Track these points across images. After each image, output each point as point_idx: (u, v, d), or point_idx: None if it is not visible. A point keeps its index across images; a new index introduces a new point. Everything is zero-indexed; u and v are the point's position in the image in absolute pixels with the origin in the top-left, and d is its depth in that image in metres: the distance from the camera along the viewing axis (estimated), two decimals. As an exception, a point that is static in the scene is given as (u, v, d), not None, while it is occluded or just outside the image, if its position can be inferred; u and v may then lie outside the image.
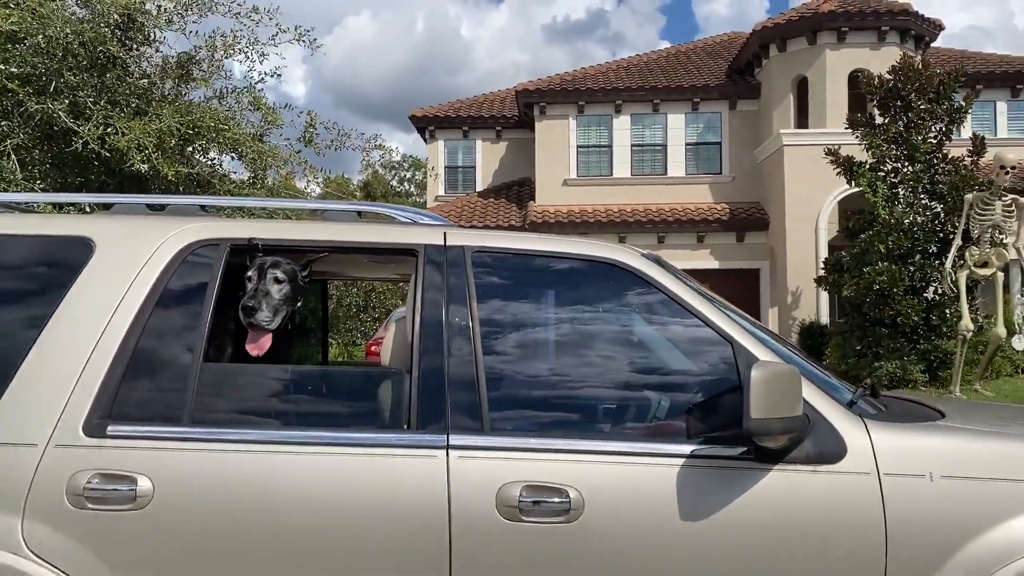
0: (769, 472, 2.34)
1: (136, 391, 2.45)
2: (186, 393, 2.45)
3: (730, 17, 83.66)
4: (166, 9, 10.69)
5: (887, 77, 14.61)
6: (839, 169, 14.86)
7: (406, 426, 2.44)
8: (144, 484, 2.33)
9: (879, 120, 14.80)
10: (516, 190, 22.94)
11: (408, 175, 47.98)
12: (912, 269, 13.85)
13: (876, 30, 18.83)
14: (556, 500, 2.32)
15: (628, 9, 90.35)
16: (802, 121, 19.52)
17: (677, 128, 21.26)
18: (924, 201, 14.39)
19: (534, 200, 21.43)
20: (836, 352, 14.92)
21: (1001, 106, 20.44)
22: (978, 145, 14.25)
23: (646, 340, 2.73)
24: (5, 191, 8.49)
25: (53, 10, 9.40)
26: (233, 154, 11.30)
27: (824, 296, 17.96)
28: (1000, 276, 12.14)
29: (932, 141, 14.46)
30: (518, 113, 22.61)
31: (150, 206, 2.93)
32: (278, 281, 2.82)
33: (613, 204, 20.79)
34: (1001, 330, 11.80)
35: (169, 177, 9.72)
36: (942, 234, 14.06)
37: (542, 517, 2.31)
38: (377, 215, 3.03)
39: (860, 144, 14.70)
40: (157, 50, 11.16)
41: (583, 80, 21.66)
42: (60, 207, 5.68)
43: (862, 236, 14.52)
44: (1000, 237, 11.83)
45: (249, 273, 2.81)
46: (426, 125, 23.69)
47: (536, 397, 2.60)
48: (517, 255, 2.67)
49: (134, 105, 10.18)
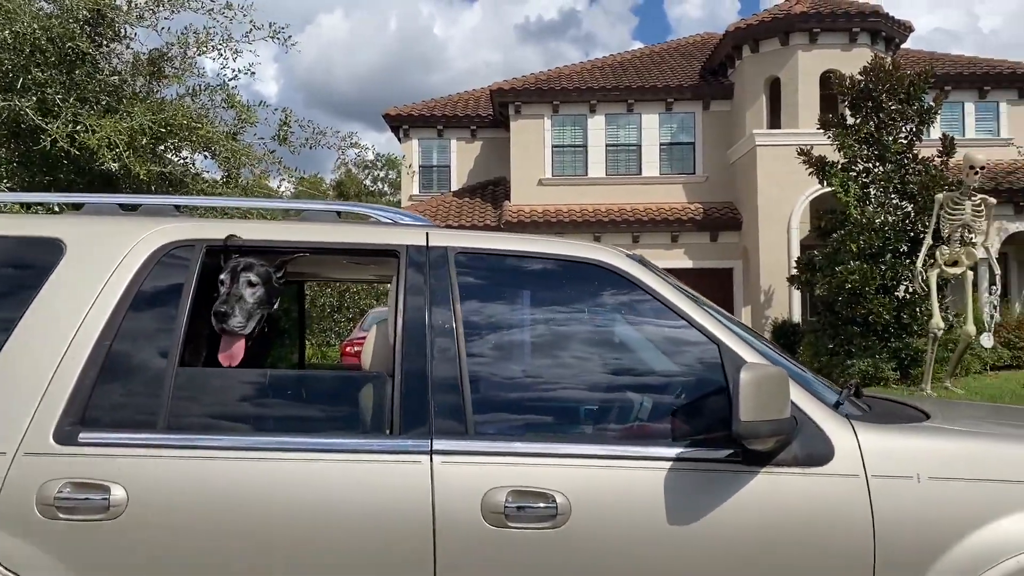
0: (757, 475, 2.32)
1: (109, 397, 2.38)
2: (161, 398, 2.38)
3: (702, 18, 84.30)
4: (137, 5, 10.53)
5: (858, 78, 14.77)
6: (811, 169, 14.99)
7: (388, 431, 2.39)
8: (118, 493, 2.26)
9: (851, 120, 14.95)
10: (491, 190, 22.90)
11: (381, 174, 47.75)
12: (883, 268, 14.01)
13: (847, 31, 19.02)
14: (542, 505, 2.28)
15: (600, 9, 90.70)
16: (775, 121, 19.67)
17: (651, 128, 21.35)
18: (895, 201, 14.56)
19: (509, 200, 21.41)
20: (808, 350, 15.04)
21: (969, 107, 20.76)
22: (947, 145, 14.46)
23: (631, 342, 2.70)
24: (-30, 190, 8.30)
25: (20, 5, 9.21)
26: (206, 152, 11.16)
27: (796, 295, 18.11)
28: (970, 275, 12.31)
29: (903, 141, 14.64)
30: (493, 112, 22.58)
31: (123, 206, 2.85)
32: (251, 284, 2.72)
33: (588, 204, 20.83)
34: (971, 328, 11.96)
35: (141, 176, 9.57)
36: (913, 233, 14.24)
37: (529, 523, 2.27)
38: (357, 215, 2.97)
39: (832, 144, 14.84)
40: (128, 46, 11.00)
41: (558, 80, 21.67)
42: (28, 207, 5.56)
43: (834, 235, 14.66)
44: (970, 236, 11.99)
45: (221, 276, 2.71)
46: (400, 124, 23.59)
47: (521, 400, 2.55)
48: (500, 256, 2.62)
49: (104, 102, 10.01)
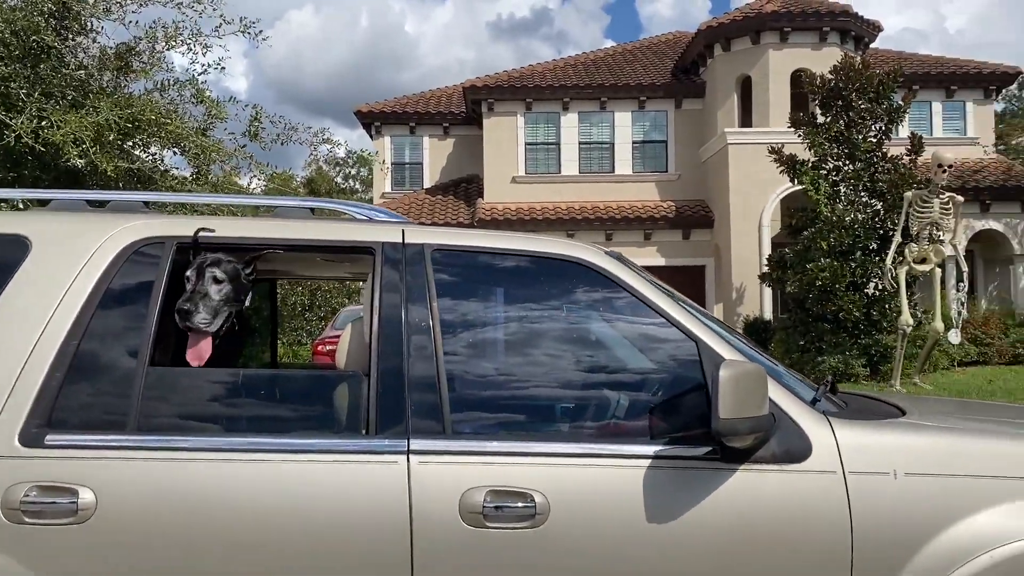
0: (735, 472, 2.32)
1: (77, 398, 2.32)
2: (131, 399, 2.32)
3: (673, 17, 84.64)
4: (103, -2, 10.35)
5: (829, 77, 14.91)
6: (782, 167, 15.12)
7: (364, 431, 2.35)
8: (86, 496, 2.21)
9: (821, 119, 15.09)
10: (464, 187, 22.85)
11: (353, 172, 47.44)
12: (853, 265, 14.16)
13: (818, 31, 19.21)
14: (521, 505, 2.26)
15: (572, 7, 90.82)
16: (746, 120, 19.82)
17: (624, 126, 21.41)
18: (865, 199, 14.73)
19: (482, 197, 21.37)
20: (780, 347, 15.18)
21: (936, 106, 21.06)
22: (916, 144, 14.65)
23: (610, 339, 2.69)
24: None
25: (-18, -2, 9.02)
26: (175, 149, 10.99)
27: (768, 292, 18.27)
28: (938, 272, 12.49)
29: (872, 140, 14.81)
30: (466, 110, 22.52)
31: (90, 202, 2.79)
32: (217, 281, 2.67)
33: (561, 201, 20.85)
34: (939, 325, 12.12)
35: (108, 172, 9.41)
36: (882, 231, 14.42)
37: (507, 523, 2.25)
38: (331, 212, 2.93)
39: (802, 143, 14.98)
40: (95, 40, 10.81)
41: (531, 77, 21.66)
42: (-9, 203, 5.44)
43: (805, 233, 14.80)
44: (938, 234, 12.16)
45: (188, 273, 2.67)
46: (372, 121, 23.44)
47: (499, 399, 2.52)
48: (477, 253, 2.59)
49: (70, 97, 9.83)
